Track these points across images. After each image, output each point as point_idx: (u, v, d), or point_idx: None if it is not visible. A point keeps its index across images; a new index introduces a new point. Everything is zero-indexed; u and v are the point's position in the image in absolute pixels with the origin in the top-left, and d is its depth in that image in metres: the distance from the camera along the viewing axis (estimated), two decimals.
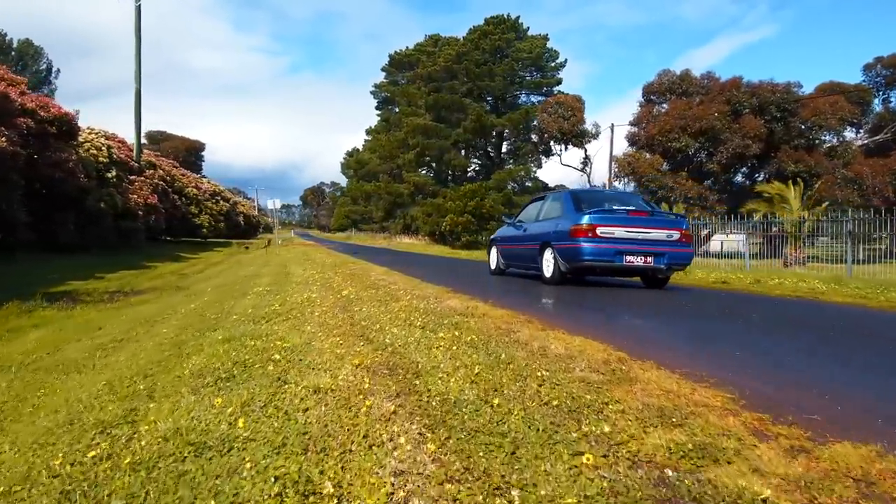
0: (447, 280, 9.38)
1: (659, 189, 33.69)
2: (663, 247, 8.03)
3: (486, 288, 8.35)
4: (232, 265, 16.69)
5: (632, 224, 8.03)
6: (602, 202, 8.82)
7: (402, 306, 5.41)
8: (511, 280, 9.90)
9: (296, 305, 5.90)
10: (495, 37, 40.35)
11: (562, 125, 36.47)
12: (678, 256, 8.19)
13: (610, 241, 7.86)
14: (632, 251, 7.88)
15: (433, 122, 41.87)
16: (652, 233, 8.05)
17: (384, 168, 54.03)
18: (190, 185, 31.73)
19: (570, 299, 6.79)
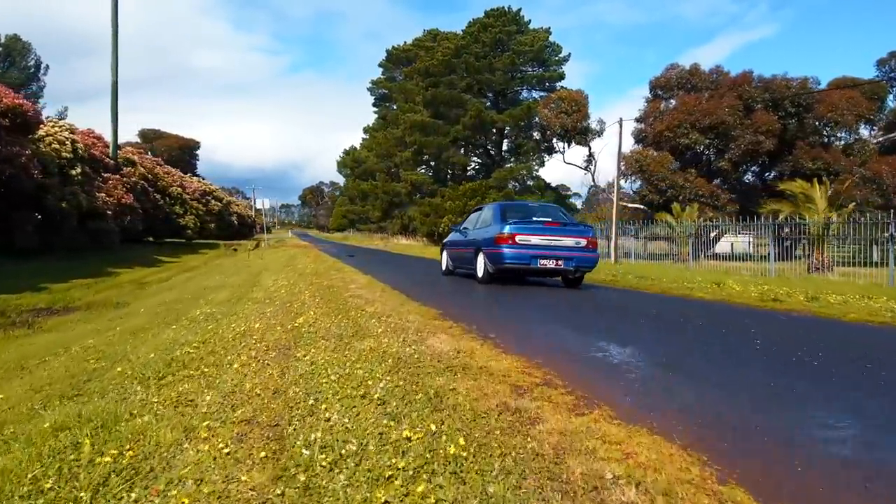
0: (438, 295, 7.81)
1: (669, 188, 32.06)
2: (572, 252, 9.43)
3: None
4: (204, 272, 15.09)
5: (546, 233, 9.41)
6: (525, 214, 10.31)
7: (365, 349, 3.80)
8: (514, 290, 8.35)
9: (224, 343, 4.29)
10: (496, 29, 38.73)
11: (564, 122, 34.82)
12: (585, 260, 9.63)
13: (527, 248, 9.24)
14: (545, 255, 9.28)
15: (431, 118, 40.23)
16: (563, 240, 9.40)
17: (381, 166, 52.43)
18: (174, 185, 30.12)
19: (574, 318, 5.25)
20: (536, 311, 6.64)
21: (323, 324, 4.93)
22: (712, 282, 10.61)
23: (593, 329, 5.25)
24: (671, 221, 25.21)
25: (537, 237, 9.32)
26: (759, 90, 34.73)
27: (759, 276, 16.73)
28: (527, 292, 9.08)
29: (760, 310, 7.07)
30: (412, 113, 43.26)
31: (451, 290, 9.25)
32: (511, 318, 5.99)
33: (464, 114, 38.65)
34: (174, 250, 26.52)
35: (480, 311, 6.42)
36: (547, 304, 7.38)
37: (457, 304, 6.86)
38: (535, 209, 11.10)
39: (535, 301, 7.71)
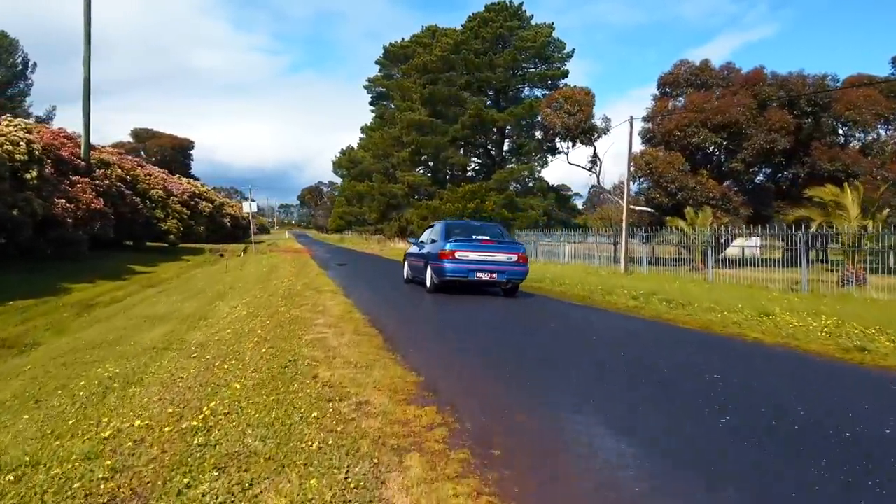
0: (428, 335, 6.13)
1: (679, 190, 30.35)
2: (504, 266, 10.84)
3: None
4: (167, 289, 13.41)
5: (482, 250, 10.89)
6: (467, 232, 11.72)
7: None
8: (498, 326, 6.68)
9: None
10: (496, 24, 37.03)
11: (567, 121, 33.11)
12: (515, 273, 11.06)
13: (465, 262, 10.67)
14: (481, 269, 10.70)
15: (429, 117, 38.54)
16: (497, 256, 10.85)
17: (378, 167, 50.74)
18: (156, 187, 28.42)
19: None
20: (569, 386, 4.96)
21: (235, 423, 3.23)
22: (757, 311, 8.89)
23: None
24: (685, 227, 23.51)
25: (475, 253, 10.83)
26: (774, 88, 33.02)
27: (791, 293, 15.05)
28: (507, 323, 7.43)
29: (859, 368, 5.37)
30: (410, 111, 41.58)
31: (447, 324, 7.56)
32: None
33: (463, 112, 36.97)
34: (153, 258, 24.84)
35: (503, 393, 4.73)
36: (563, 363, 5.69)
37: (462, 364, 5.17)
38: (477, 228, 12.67)
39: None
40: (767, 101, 32.73)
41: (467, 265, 10.72)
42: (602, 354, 5.85)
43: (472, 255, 10.77)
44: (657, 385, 4.54)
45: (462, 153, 37.64)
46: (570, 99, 34.37)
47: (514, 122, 35.96)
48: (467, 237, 11.43)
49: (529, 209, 35.82)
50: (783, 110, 31.98)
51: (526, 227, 34.82)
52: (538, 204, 36.25)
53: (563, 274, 18.53)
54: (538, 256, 31.02)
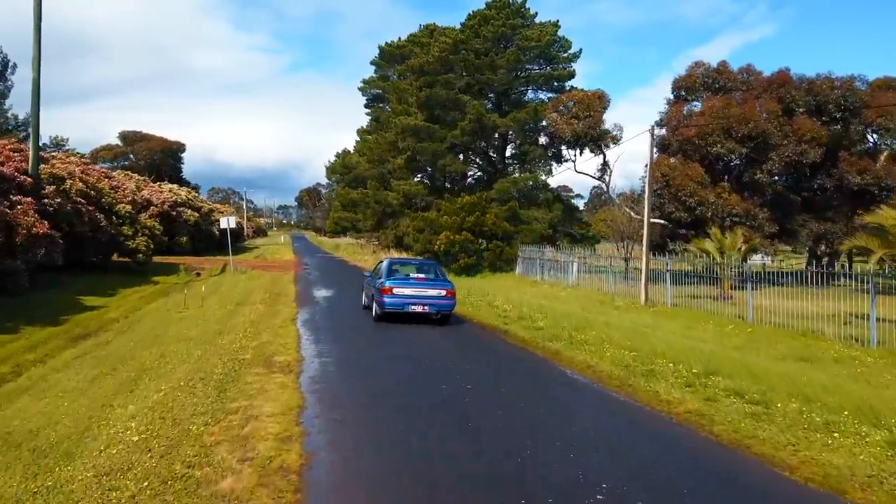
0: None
1: (699, 205, 27.70)
2: (434, 300, 13.03)
3: None
4: (93, 348, 10.80)
5: (416, 286, 13.16)
6: (407, 270, 14.26)
7: None
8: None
9: None
10: (498, 23, 34.37)
11: (576, 127, 30.48)
12: (443, 306, 13.16)
13: (401, 297, 12.79)
14: (415, 303, 12.84)
15: (426, 122, 35.88)
16: (428, 291, 13.11)
17: (373, 172, 48.10)
18: (123, 201, 25.79)
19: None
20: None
21: None
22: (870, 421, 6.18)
23: None
24: (712, 251, 20.89)
25: (410, 290, 12.72)
26: (801, 91, 30.40)
27: (857, 347, 12.42)
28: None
29: None
30: (406, 115, 38.94)
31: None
32: None
33: (462, 117, 34.31)
34: (115, 282, 22.23)
35: None
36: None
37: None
38: (415, 266, 14.72)
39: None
40: (794, 105, 30.12)
41: (403, 299, 12.76)
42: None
43: (407, 291, 12.89)
44: None
45: (461, 160, 34.97)
46: (580, 102, 31.75)
47: (517, 127, 33.30)
48: (405, 276, 13.68)
49: (534, 221, 33.20)
50: (812, 118, 29.35)
51: (530, 242, 32.22)
52: (543, 216, 33.63)
53: (571, 313, 15.91)
54: (543, 275, 28.43)
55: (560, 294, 22.81)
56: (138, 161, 73.20)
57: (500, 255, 31.78)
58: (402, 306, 12.69)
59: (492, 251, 31.70)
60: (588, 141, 31.29)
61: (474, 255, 31.75)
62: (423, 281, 13.39)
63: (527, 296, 21.89)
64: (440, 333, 11.41)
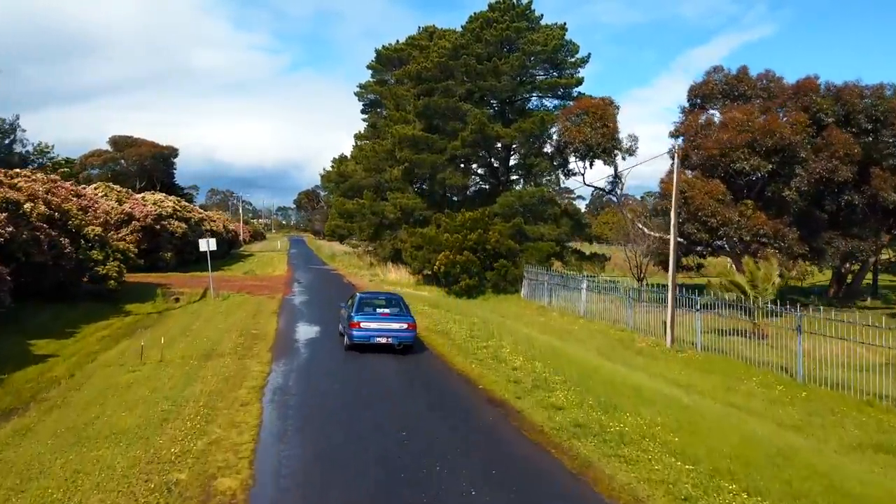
0: None
1: (721, 225, 25.50)
2: (397, 333, 14.43)
3: None
4: (14, 436, 8.65)
5: (381, 321, 14.55)
6: (374, 306, 15.33)
7: None
8: None
9: None
10: (501, 26, 32.15)
11: (589, 137, 28.26)
12: (404, 338, 14.51)
13: (367, 330, 14.28)
14: (379, 335, 14.29)
15: (424, 132, 33.69)
16: (392, 325, 14.52)
17: (370, 181, 45.94)
18: (94, 222, 23.57)
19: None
20: None
21: None
22: None
23: None
24: (744, 284, 18.67)
25: (375, 323, 14.46)
26: (829, 101, 28.20)
27: None
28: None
29: None
30: (404, 123, 36.77)
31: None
32: None
33: (463, 127, 32.12)
34: (80, 316, 20.06)
35: None
36: None
37: None
38: (382, 302, 15.88)
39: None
40: (822, 116, 27.90)
41: (370, 332, 14.24)
42: None
43: (373, 325, 14.32)
44: None
45: (462, 173, 32.74)
46: (591, 112, 29.53)
47: (522, 137, 31.07)
48: (372, 311, 14.90)
49: (540, 239, 31.00)
50: (841, 130, 27.13)
51: (537, 261, 30.01)
52: (550, 232, 31.43)
53: (591, 367, 13.70)
54: (551, 298, 26.21)
55: (573, 328, 20.59)
56: (128, 167, 71.04)
57: (504, 276, 29.59)
58: (369, 338, 14.33)
59: (495, 271, 29.50)
60: (602, 153, 29.09)
61: (476, 276, 29.57)
62: (387, 315, 14.93)
63: (536, 330, 19.70)
64: (448, 429, 9.16)
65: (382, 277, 34.97)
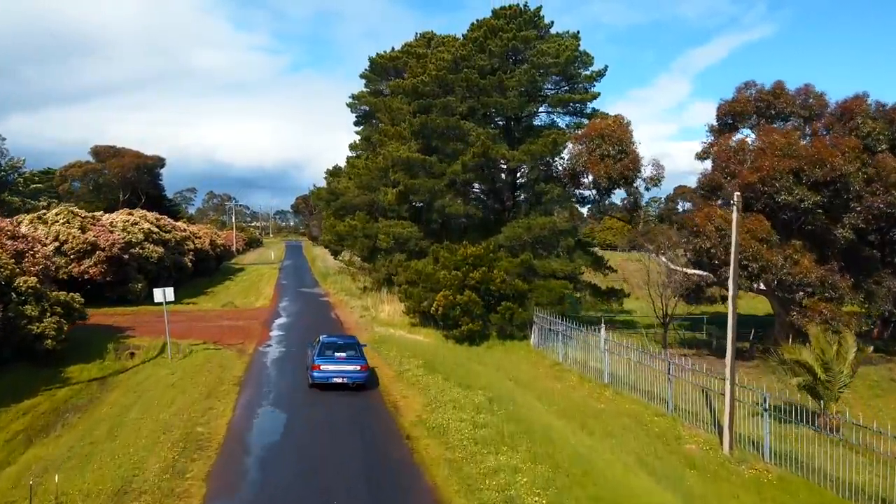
0: None
1: (763, 271, 21.96)
2: (351, 374, 17.07)
3: None
4: None
5: (338, 364, 17.09)
6: (333, 349, 17.60)
7: None
8: None
9: None
10: (508, 35, 28.60)
11: (609, 168, 24.72)
12: (358, 378, 17.15)
13: (326, 372, 16.90)
14: (336, 376, 16.94)
15: (421, 154, 30.15)
16: (347, 367, 17.09)
17: (363, 199, 42.42)
18: (32, 270, 19.98)
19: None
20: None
21: None
22: None
23: None
24: (811, 362, 15.10)
25: (333, 366, 17.03)
26: (882, 125, 24.64)
27: None
28: None
29: None
30: (399, 139, 33.27)
31: None
32: None
33: (464, 148, 28.60)
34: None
35: None
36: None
37: None
38: (340, 345, 18.06)
39: None
40: (872, 142, 24.39)
41: (327, 373, 16.98)
42: None
43: (331, 367, 17.04)
44: None
45: (462, 200, 29.16)
46: (609, 135, 25.98)
47: (531, 161, 27.50)
48: (331, 354, 17.41)
49: (552, 276, 27.45)
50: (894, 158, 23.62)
51: (548, 302, 26.42)
52: (563, 267, 27.87)
53: (630, 493, 10.13)
54: (567, 351, 22.54)
55: (598, 406, 17.01)
56: (111, 178, 67.45)
57: (510, 319, 26.04)
58: (327, 378, 16.88)
59: (500, 314, 25.96)
60: (623, 184, 25.55)
61: (479, 320, 26.02)
62: (343, 359, 17.25)
63: (554, 413, 16.13)
64: None
65: (374, 315, 31.38)
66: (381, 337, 26.36)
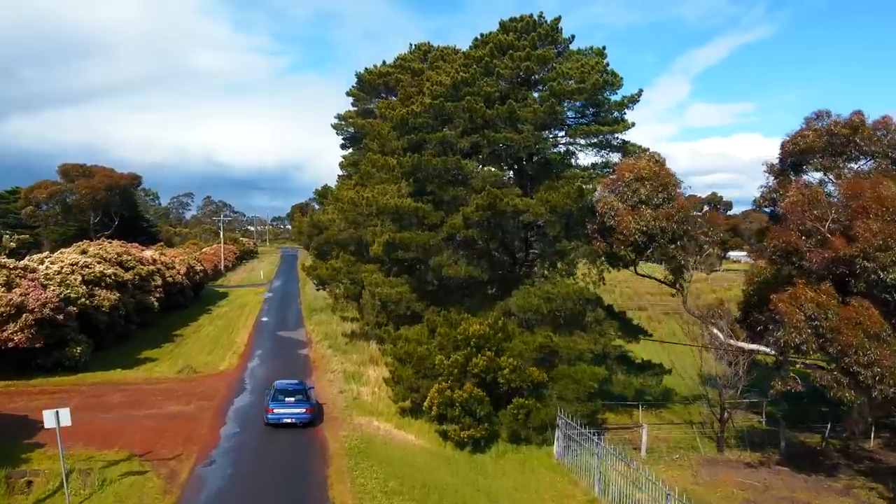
0: None
1: (865, 366, 16.41)
2: (299, 415, 20.91)
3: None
4: None
5: (288, 407, 20.93)
6: (285, 394, 21.53)
7: None
8: None
9: None
10: (520, 54, 23.02)
11: (651, 224, 19.17)
12: (304, 419, 20.99)
13: (277, 414, 20.73)
14: (286, 417, 20.79)
15: (413, 196, 24.58)
16: (295, 409, 20.93)
17: (348, 235, 36.87)
18: None
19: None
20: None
21: None
22: None
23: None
24: None
25: (283, 409, 20.91)
26: None
27: None
28: None
29: None
30: (387, 172, 27.71)
31: None
32: None
33: (466, 195, 23.05)
34: None
35: None
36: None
37: None
38: (290, 391, 21.85)
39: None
40: None
41: (279, 415, 20.85)
42: None
43: (281, 410, 20.91)
44: None
45: (465, 260, 23.50)
46: (649, 179, 20.38)
47: (550, 214, 21.84)
48: (283, 398, 21.34)
49: (579, 358, 21.82)
50: None
51: (576, 398, 20.76)
52: (592, 345, 22.25)
53: None
54: (604, 489, 16.88)
55: None
56: (80, 200, 61.78)
57: (525, 420, 20.43)
58: (279, 419, 20.86)
59: (512, 414, 20.35)
60: (667, 243, 19.97)
61: (485, 422, 20.41)
62: (292, 403, 21.22)
63: None
64: None
65: (356, 393, 25.68)
66: (361, 439, 20.66)
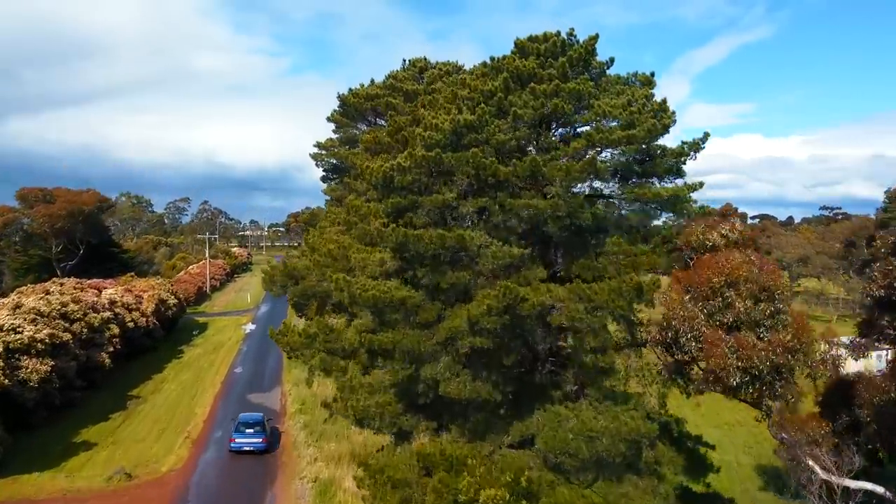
0: None
1: None
2: (257, 445, 26.79)
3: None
4: None
5: (248, 437, 26.81)
6: (247, 425, 27.33)
7: None
8: None
9: None
10: (544, 87, 16.59)
11: (759, 358, 12.75)
12: (260, 447, 26.77)
13: (238, 443, 26.65)
14: (246, 445, 26.68)
15: (399, 274, 18.22)
16: (254, 439, 26.84)
17: (329, 288, 30.39)
18: None
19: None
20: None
21: None
22: None
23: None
24: None
25: (244, 439, 26.44)
26: None
27: None
28: None
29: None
30: (375, 219, 21.24)
31: None
32: None
33: (471, 280, 16.62)
34: None
35: None
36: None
37: None
38: (251, 423, 27.35)
39: None
40: None
41: (240, 444, 26.33)
42: None
43: (242, 440, 26.36)
44: None
45: (470, 376, 16.97)
46: (747, 280, 13.88)
47: (593, 319, 15.36)
48: (244, 429, 26.78)
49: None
50: None
51: None
52: (644, 496, 15.75)
53: None
54: None
55: None
56: (38, 229, 55.38)
57: None
58: (240, 447, 26.30)
59: None
60: (773, 380, 13.54)
61: None
62: (252, 433, 26.68)
63: None
64: None
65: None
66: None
